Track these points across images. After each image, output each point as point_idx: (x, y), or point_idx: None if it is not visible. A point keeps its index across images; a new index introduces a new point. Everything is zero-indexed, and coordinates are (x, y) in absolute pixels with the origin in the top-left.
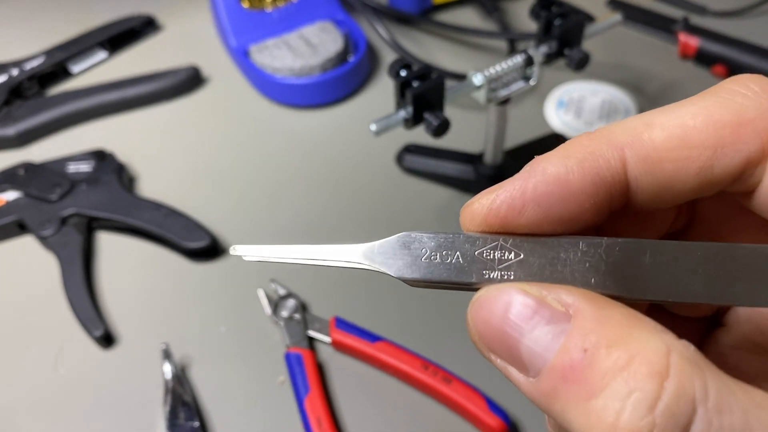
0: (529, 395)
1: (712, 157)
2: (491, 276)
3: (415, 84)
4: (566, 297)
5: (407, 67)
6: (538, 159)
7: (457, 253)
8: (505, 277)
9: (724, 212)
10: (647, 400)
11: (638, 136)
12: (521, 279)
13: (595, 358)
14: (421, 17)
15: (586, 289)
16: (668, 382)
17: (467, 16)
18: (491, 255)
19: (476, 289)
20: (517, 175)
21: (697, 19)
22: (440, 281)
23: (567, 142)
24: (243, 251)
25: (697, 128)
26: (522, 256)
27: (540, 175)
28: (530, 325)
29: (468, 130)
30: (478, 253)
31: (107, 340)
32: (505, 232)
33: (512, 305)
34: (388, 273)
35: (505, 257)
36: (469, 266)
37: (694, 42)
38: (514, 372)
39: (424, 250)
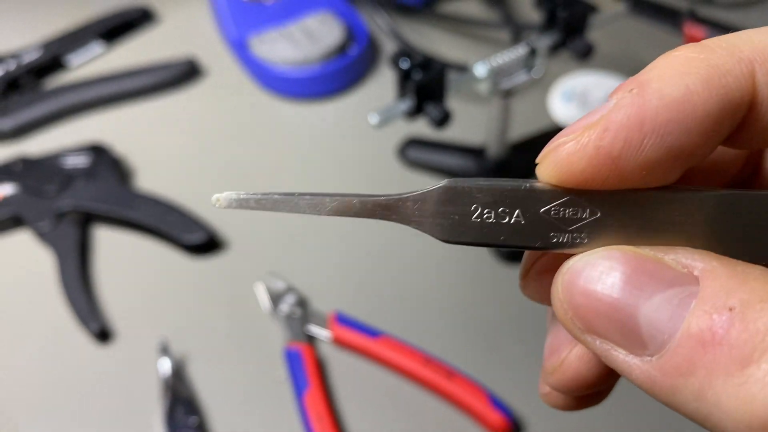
0: (647, 379)
1: None
2: (561, 240)
3: (417, 74)
4: (686, 258)
5: (409, 57)
6: (645, 79)
7: (517, 210)
8: (578, 240)
9: None
10: None
11: (766, 51)
12: (599, 243)
13: (748, 316)
14: (424, 9)
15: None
16: None
17: (470, 7)
18: (560, 213)
19: (535, 248)
20: (619, 101)
21: (704, 10)
22: (495, 245)
23: (673, 56)
24: (225, 197)
25: None
26: (598, 214)
27: (658, 99)
28: (648, 291)
29: (472, 124)
30: (543, 211)
31: (104, 335)
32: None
33: (622, 270)
34: (429, 234)
35: (578, 216)
36: (532, 227)
37: (700, 33)
38: (620, 354)
39: (474, 206)
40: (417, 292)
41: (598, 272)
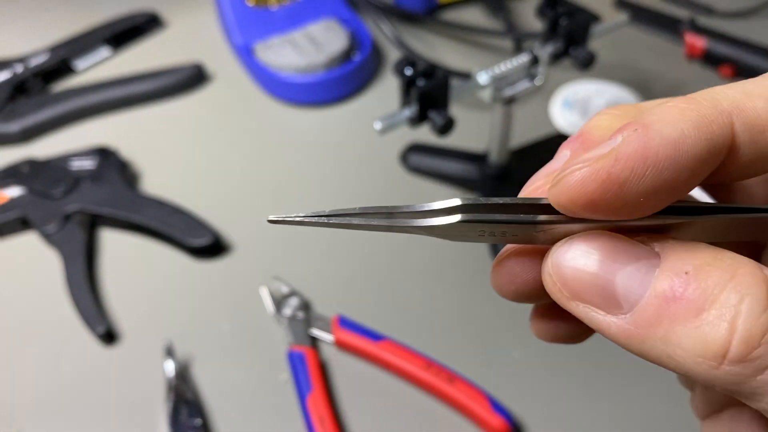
0: (621, 333)
1: None
2: (547, 243)
3: (421, 82)
4: (648, 239)
5: (412, 65)
6: (648, 122)
7: (516, 234)
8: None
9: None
10: (760, 301)
11: (741, 104)
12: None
13: (699, 276)
14: (427, 16)
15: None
16: None
17: (473, 16)
18: (548, 232)
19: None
20: (627, 138)
21: (704, 20)
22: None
23: (668, 106)
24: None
25: None
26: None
27: (659, 139)
28: (621, 263)
29: (473, 130)
30: (536, 232)
31: (109, 337)
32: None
33: (600, 248)
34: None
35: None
36: (526, 239)
37: (700, 42)
38: (599, 316)
39: (480, 230)
40: (419, 296)
41: (581, 251)
